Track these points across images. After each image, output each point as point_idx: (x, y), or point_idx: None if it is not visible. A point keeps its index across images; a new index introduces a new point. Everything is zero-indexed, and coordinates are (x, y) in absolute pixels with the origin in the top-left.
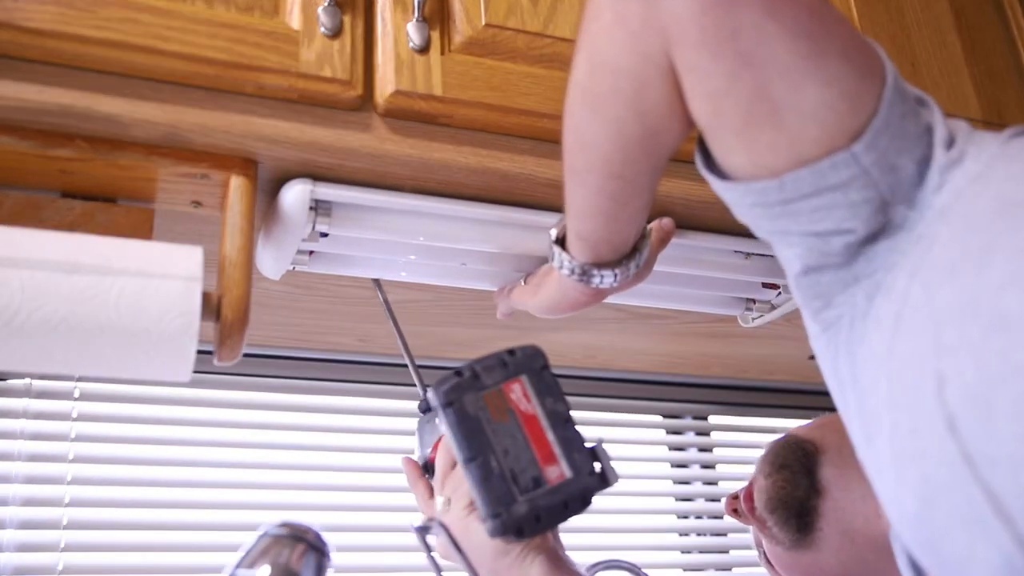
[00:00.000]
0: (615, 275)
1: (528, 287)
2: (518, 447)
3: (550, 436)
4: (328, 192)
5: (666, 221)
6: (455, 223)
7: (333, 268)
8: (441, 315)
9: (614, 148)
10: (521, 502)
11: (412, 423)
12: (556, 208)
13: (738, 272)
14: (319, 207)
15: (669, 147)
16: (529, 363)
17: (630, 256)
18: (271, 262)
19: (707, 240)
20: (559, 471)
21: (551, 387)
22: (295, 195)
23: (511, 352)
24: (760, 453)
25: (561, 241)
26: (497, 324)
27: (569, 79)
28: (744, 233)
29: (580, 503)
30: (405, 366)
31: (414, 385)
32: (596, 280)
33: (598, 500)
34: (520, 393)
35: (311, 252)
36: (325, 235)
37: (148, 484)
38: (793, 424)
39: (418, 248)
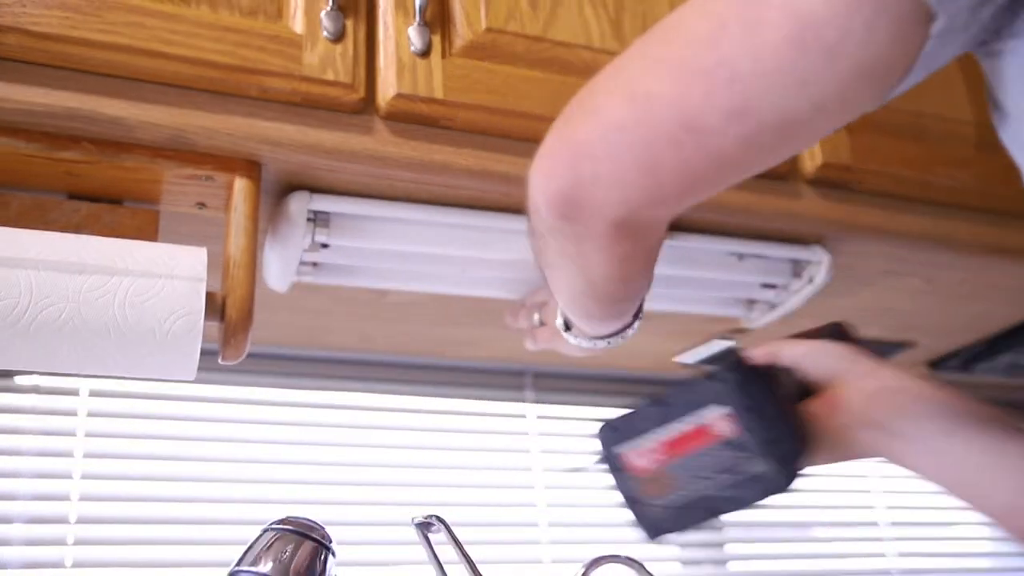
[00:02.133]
0: (623, 337)
1: (555, 329)
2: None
3: None
4: (325, 203)
5: None
6: (453, 231)
7: (337, 279)
8: (441, 315)
9: (596, 293)
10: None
11: (412, 420)
12: None
13: (732, 273)
14: (317, 218)
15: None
16: None
17: (636, 315)
18: (277, 275)
19: (700, 241)
20: None
21: None
22: (293, 207)
23: None
24: None
25: (567, 321)
26: (497, 324)
27: (532, 247)
28: (738, 234)
29: None
30: (406, 366)
31: (416, 383)
32: (610, 344)
33: (600, 496)
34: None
35: (315, 263)
36: (326, 246)
37: (156, 479)
38: None
39: (417, 257)
